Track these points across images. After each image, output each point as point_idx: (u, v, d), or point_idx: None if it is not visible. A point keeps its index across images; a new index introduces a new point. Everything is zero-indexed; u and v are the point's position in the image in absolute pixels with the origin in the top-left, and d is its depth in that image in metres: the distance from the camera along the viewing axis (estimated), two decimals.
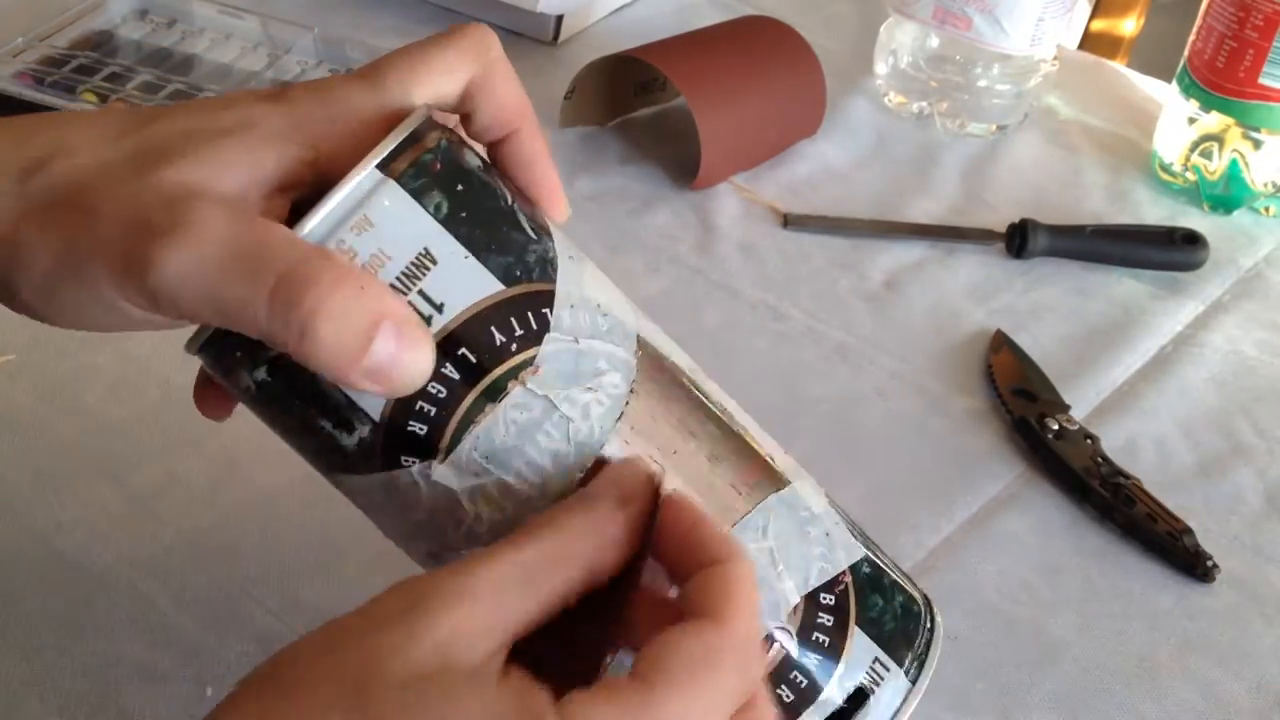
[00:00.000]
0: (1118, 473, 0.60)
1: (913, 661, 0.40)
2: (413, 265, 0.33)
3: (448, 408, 0.34)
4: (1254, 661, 0.53)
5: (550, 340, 0.35)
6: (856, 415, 0.63)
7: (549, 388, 0.34)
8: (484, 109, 0.38)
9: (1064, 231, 0.75)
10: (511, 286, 0.34)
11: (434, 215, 0.34)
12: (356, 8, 0.90)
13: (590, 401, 0.35)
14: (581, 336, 0.35)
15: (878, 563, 0.40)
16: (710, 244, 0.73)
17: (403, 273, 0.33)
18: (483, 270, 0.34)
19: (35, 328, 0.63)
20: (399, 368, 0.32)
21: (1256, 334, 0.72)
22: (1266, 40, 0.74)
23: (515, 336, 0.34)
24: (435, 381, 0.34)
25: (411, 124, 0.34)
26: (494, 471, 0.35)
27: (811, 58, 0.80)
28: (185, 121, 0.36)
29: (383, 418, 0.34)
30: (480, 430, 0.34)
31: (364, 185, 0.33)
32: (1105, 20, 1.68)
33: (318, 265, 0.32)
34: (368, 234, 0.33)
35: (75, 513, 0.53)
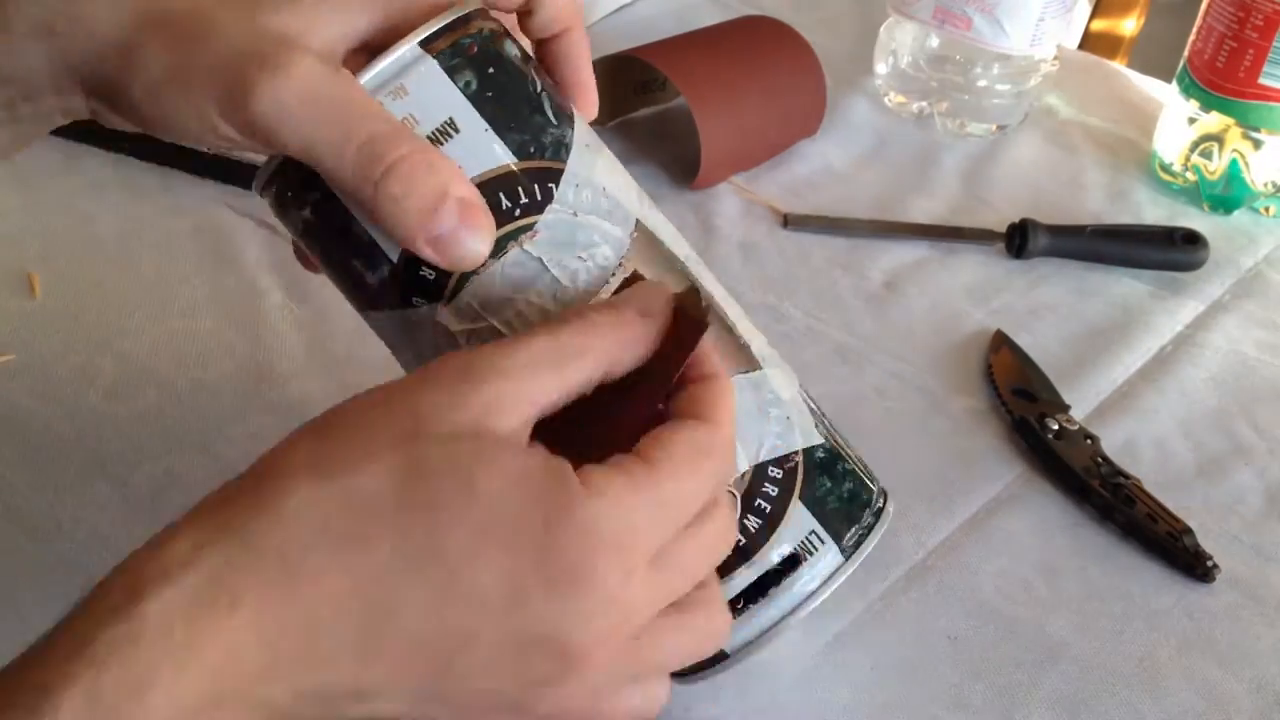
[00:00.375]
0: (1118, 473, 0.60)
1: (850, 539, 0.44)
2: (438, 130, 0.38)
3: None
4: (1254, 661, 0.53)
5: (551, 210, 0.39)
6: (856, 415, 0.63)
7: (543, 251, 0.39)
8: (545, 6, 0.42)
9: (1064, 231, 0.75)
10: (523, 160, 0.39)
11: (463, 91, 0.39)
12: None
13: (579, 268, 0.39)
14: (581, 211, 0.40)
15: (837, 451, 0.44)
16: (710, 244, 0.73)
17: (429, 135, 0.38)
18: (499, 143, 0.39)
19: (35, 327, 0.63)
20: (457, 243, 0.38)
21: (1256, 334, 0.72)
22: (1266, 40, 0.74)
23: (520, 204, 0.39)
24: None
25: (459, 10, 0.39)
26: (487, 319, 0.39)
27: (811, 58, 0.80)
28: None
29: (400, 259, 0.39)
30: (479, 281, 0.39)
31: (404, 58, 0.38)
32: (1105, 20, 1.68)
33: (400, 135, 0.37)
34: (402, 100, 0.38)
35: (75, 513, 0.53)
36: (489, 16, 0.40)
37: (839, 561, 0.43)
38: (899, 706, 0.50)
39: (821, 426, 0.45)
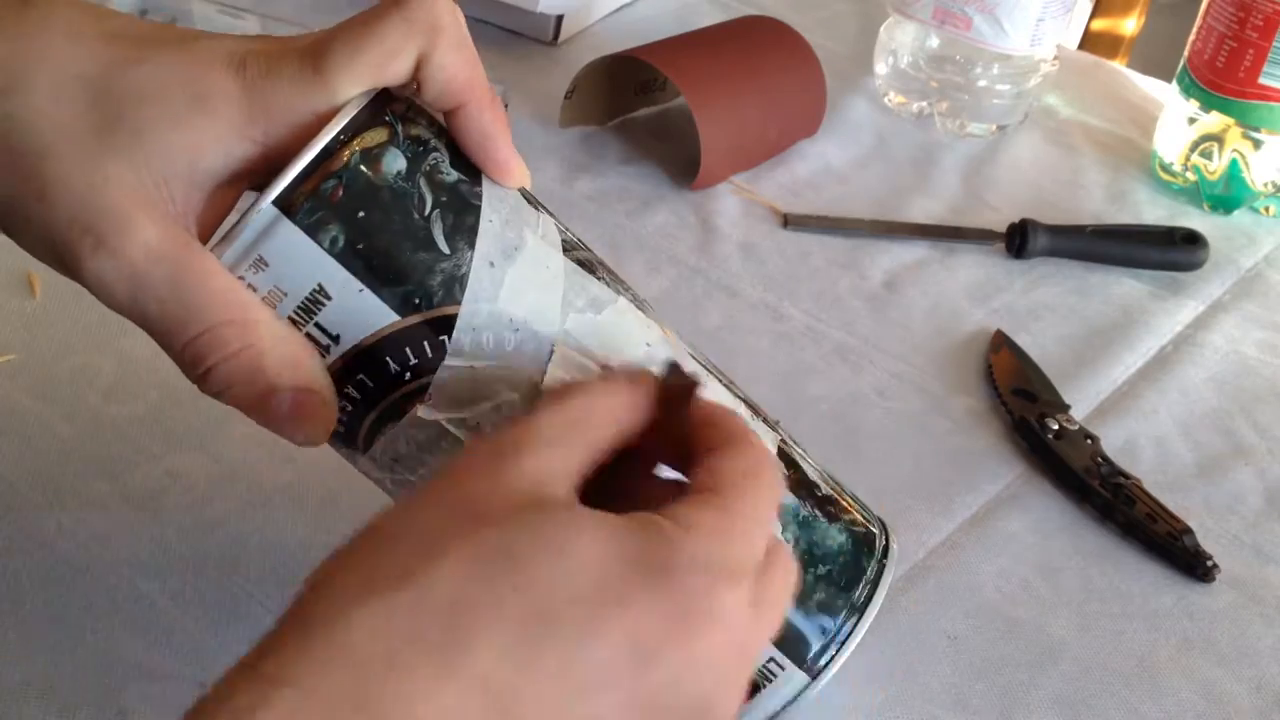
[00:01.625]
0: (1118, 473, 0.60)
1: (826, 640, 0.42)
2: (308, 300, 0.35)
3: (358, 420, 0.37)
4: (1254, 661, 0.53)
5: (445, 368, 0.36)
6: (856, 415, 0.63)
7: (442, 413, 0.36)
8: (431, 84, 0.38)
9: (1064, 231, 0.75)
10: (407, 316, 0.35)
11: (329, 250, 0.35)
12: (356, 8, 0.89)
13: (483, 422, 0.36)
14: (479, 360, 0.36)
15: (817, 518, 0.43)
16: (710, 244, 0.73)
17: (299, 307, 0.35)
18: (377, 302, 0.35)
19: (35, 327, 0.63)
20: (292, 433, 0.37)
21: (1256, 334, 0.72)
22: (1266, 40, 0.74)
23: (409, 365, 0.36)
24: (343, 399, 0.37)
25: (323, 138, 0.35)
26: (401, 473, 0.38)
27: (811, 58, 0.80)
28: (148, 83, 0.36)
29: None
30: (386, 440, 0.37)
31: (258, 224, 0.35)
32: (1105, 20, 1.68)
33: (226, 334, 0.35)
34: (264, 273, 0.35)
35: (75, 513, 0.53)
36: (367, 123, 0.36)
37: (804, 682, 0.41)
38: (899, 706, 0.50)
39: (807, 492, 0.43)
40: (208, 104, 0.36)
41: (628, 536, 0.31)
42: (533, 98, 0.82)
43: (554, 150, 0.79)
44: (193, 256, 0.35)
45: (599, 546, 0.30)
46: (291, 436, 0.37)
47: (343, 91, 0.36)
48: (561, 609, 0.29)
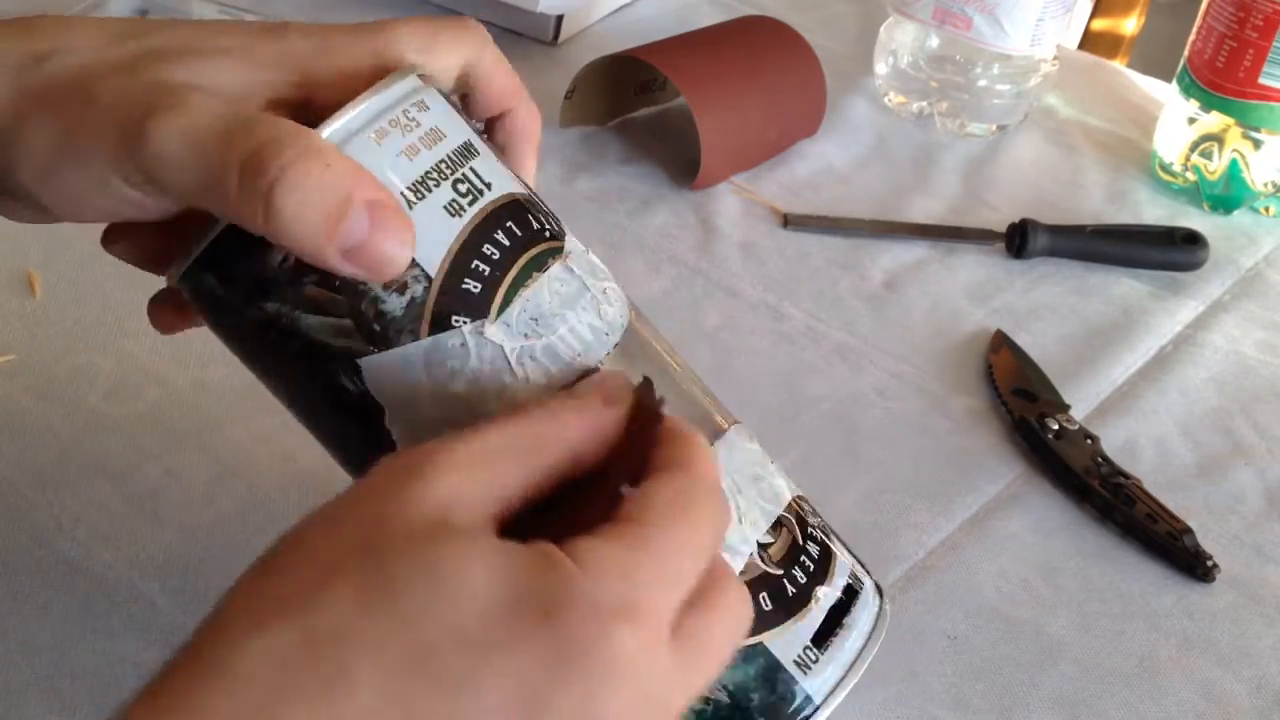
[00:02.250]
0: (1118, 473, 0.60)
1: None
2: (464, 147, 0.36)
3: (501, 269, 0.36)
4: (1254, 661, 0.53)
5: (569, 239, 0.39)
6: (856, 415, 0.63)
7: (579, 270, 0.38)
8: (482, 87, 0.40)
9: (1064, 231, 0.75)
10: (530, 194, 0.38)
11: (468, 123, 0.38)
12: (356, 8, 0.90)
13: (608, 290, 0.39)
14: (586, 250, 0.39)
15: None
16: (710, 244, 0.73)
17: (456, 150, 0.36)
18: (511, 174, 0.38)
19: (35, 328, 0.63)
20: (374, 251, 0.33)
21: (1256, 334, 0.72)
22: (1266, 40, 0.74)
23: (546, 226, 0.38)
24: (490, 244, 0.36)
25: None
26: (542, 334, 0.36)
27: (811, 58, 0.80)
28: (186, 37, 0.37)
29: (440, 274, 0.35)
30: (530, 294, 0.36)
31: (412, 82, 0.36)
32: (1105, 20, 1.68)
33: (288, 138, 0.32)
34: (426, 113, 0.36)
35: (75, 513, 0.53)
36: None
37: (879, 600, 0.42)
38: (899, 706, 0.50)
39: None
40: (247, 50, 0.37)
41: (522, 573, 0.29)
42: (533, 98, 0.82)
43: (554, 150, 0.79)
44: (253, 110, 0.34)
45: (490, 583, 0.29)
46: (372, 260, 0.33)
47: (396, 59, 0.38)
48: (445, 649, 0.28)
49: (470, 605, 0.28)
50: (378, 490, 0.30)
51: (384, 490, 0.30)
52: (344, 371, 0.36)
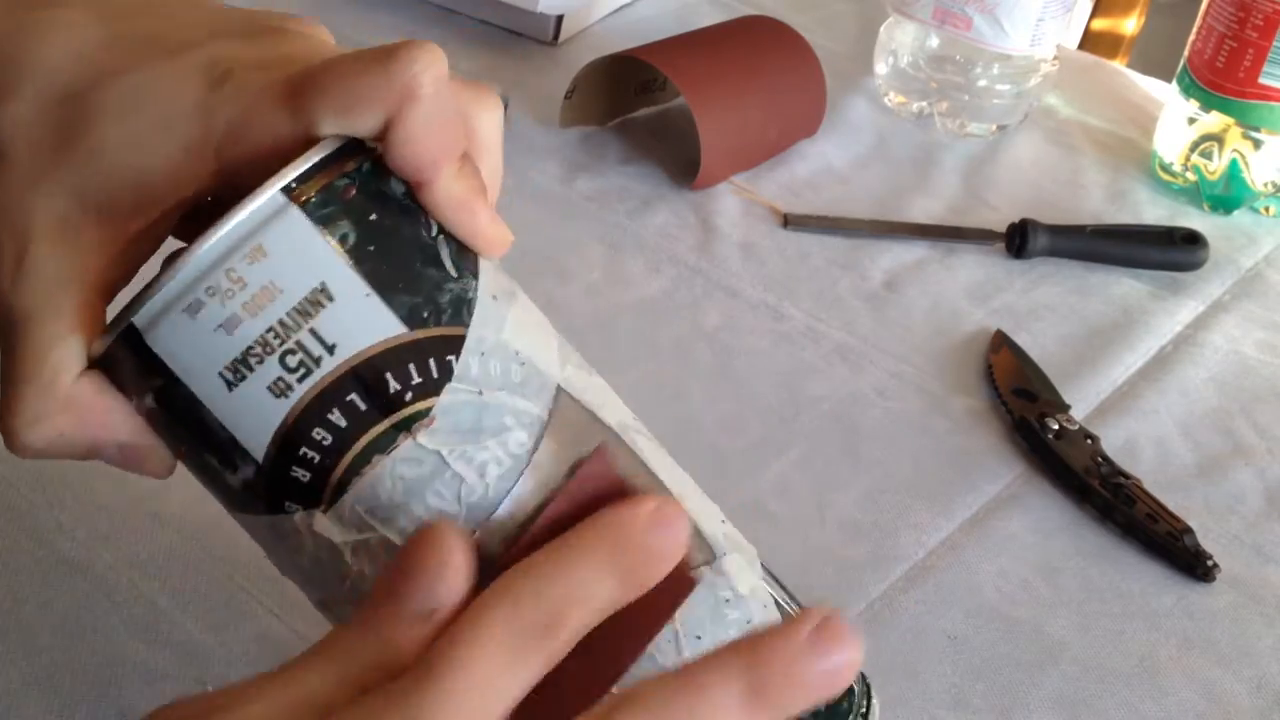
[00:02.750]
0: (1118, 473, 0.60)
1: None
2: (306, 301, 0.31)
3: (333, 456, 0.32)
4: (1254, 661, 0.53)
5: (450, 391, 0.32)
6: (856, 415, 0.63)
7: (443, 443, 0.32)
8: (391, 153, 0.33)
9: (1064, 231, 0.75)
10: (415, 330, 0.32)
11: (338, 247, 0.32)
12: (356, 8, 0.90)
13: (488, 460, 0.32)
14: (487, 389, 0.32)
15: None
16: (710, 244, 0.73)
17: (294, 309, 0.31)
18: (385, 310, 0.32)
19: None
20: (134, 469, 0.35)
21: (1256, 334, 0.72)
22: (1266, 40, 0.74)
23: (412, 384, 0.32)
24: (321, 427, 0.32)
25: (332, 144, 0.32)
26: (377, 529, 0.32)
27: (811, 58, 0.80)
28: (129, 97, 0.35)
29: (266, 460, 0.32)
30: (366, 483, 0.32)
31: (263, 210, 0.31)
32: (1105, 20, 1.68)
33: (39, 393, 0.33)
34: (260, 264, 0.31)
35: (75, 513, 0.53)
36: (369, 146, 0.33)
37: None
38: (899, 706, 0.50)
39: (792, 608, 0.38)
40: (171, 127, 0.34)
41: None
42: (533, 98, 0.82)
43: (554, 150, 0.79)
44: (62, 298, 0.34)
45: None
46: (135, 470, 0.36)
47: (313, 128, 0.34)
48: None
49: None
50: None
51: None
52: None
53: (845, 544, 0.56)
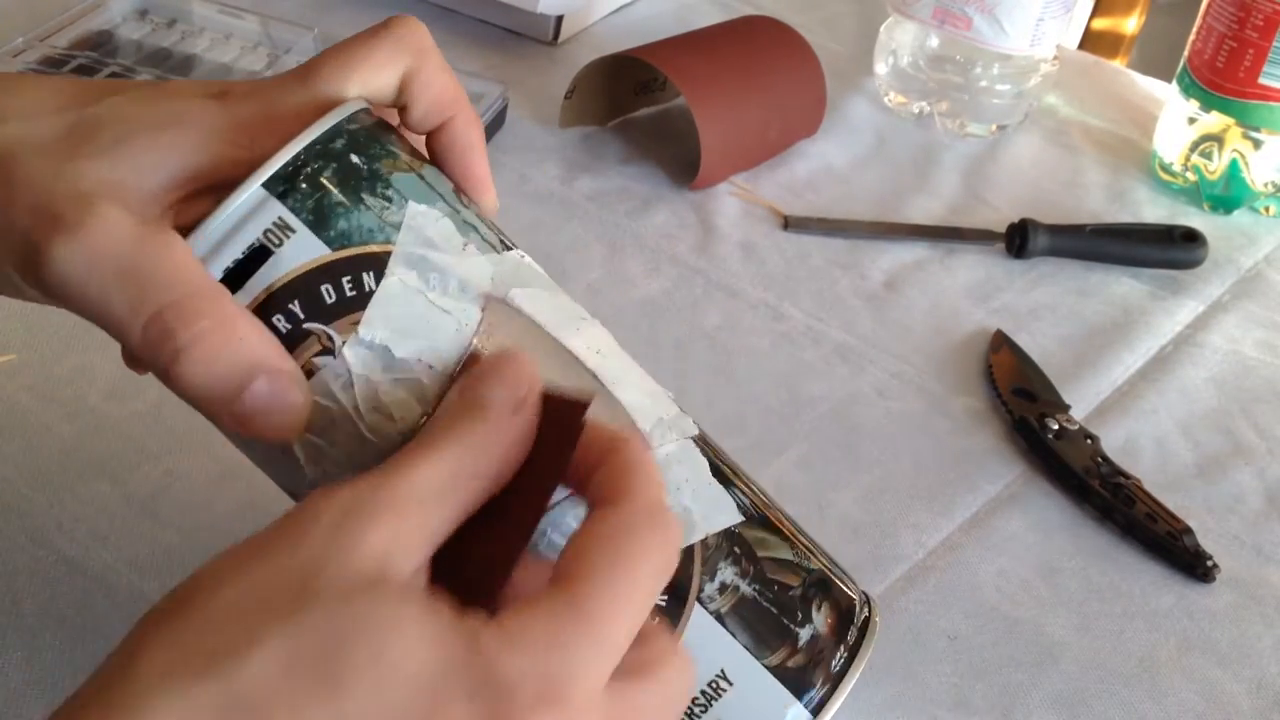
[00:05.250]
0: (1118, 473, 0.60)
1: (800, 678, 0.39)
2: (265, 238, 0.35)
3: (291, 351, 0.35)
4: (1254, 661, 0.53)
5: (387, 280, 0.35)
6: (856, 415, 0.63)
7: (383, 335, 0.35)
8: (419, 100, 0.38)
9: (1064, 231, 0.75)
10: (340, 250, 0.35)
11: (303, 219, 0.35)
12: (356, 8, 0.90)
13: (418, 370, 0.35)
14: (425, 292, 0.36)
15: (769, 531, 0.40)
16: (710, 244, 0.73)
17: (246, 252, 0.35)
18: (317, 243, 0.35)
19: (36, 328, 0.63)
20: (265, 421, 0.34)
21: (1256, 334, 0.72)
22: (1266, 40, 0.74)
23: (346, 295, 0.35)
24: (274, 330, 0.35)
25: (306, 138, 0.35)
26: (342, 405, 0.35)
27: (811, 58, 0.80)
28: (124, 107, 0.36)
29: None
30: (321, 375, 0.35)
31: (247, 204, 0.34)
32: (1105, 20, 1.68)
33: (197, 304, 0.33)
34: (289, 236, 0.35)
35: (75, 513, 0.53)
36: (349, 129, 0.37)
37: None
38: (899, 706, 0.50)
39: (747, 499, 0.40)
40: (187, 116, 0.36)
41: (446, 649, 0.28)
42: (533, 98, 0.82)
43: (554, 150, 0.79)
44: (162, 238, 0.34)
45: (416, 655, 0.27)
46: (264, 428, 0.34)
47: (333, 94, 0.37)
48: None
49: (399, 680, 0.27)
50: (310, 534, 0.29)
51: (318, 535, 0.29)
52: None
53: (845, 544, 0.56)
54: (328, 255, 0.35)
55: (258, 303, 0.35)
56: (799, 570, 0.39)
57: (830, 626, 0.39)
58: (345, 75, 0.37)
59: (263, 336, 0.34)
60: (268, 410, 0.34)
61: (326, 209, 0.35)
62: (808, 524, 0.59)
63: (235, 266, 0.35)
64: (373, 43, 0.38)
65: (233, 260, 0.34)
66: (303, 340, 0.35)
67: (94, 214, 0.33)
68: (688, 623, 0.37)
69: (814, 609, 0.39)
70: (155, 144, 0.35)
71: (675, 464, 0.38)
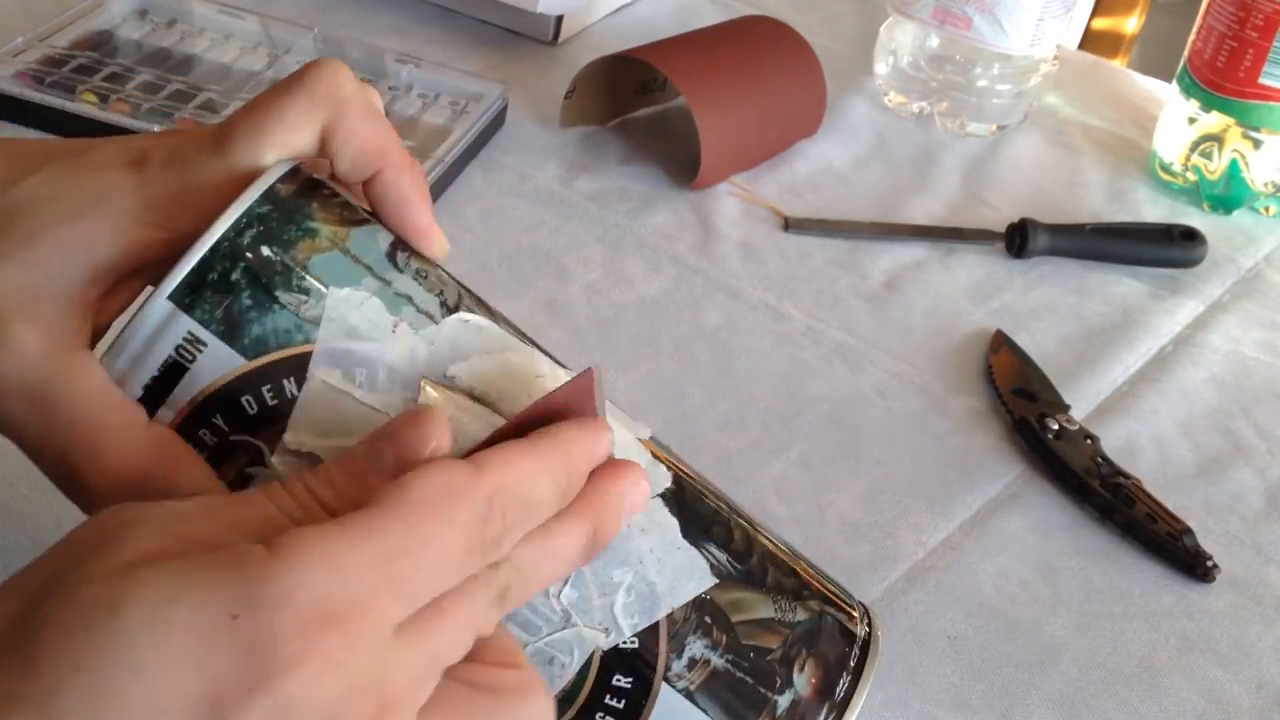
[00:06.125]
0: (1118, 473, 0.60)
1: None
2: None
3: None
4: (1254, 661, 0.53)
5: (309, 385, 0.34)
6: (856, 415, 0.63)
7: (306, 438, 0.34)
8: (341, 155, 0.36)
9: (1063, 230, 0.75)
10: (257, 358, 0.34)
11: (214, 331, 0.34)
12: (356, 8, 0.90)
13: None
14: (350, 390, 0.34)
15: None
16: (710, 244, 0.73)
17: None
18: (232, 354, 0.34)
19: None
20: None
21: (1256, 334, 0.72)
22: (1266, 40, 0.74)
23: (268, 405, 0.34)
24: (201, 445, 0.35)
25: (210, 238, 0.34)
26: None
27: (811, 58, 0.80)
28: (39, 189, 0.35)
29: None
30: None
31: (153, 318, 0.34)
32: (1106, 19, 1.68)
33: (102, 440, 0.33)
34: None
35: (75, 513, 0.53)
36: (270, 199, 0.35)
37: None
38: (899, 706, 0.50)
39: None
40: (104, 198, 0.35)
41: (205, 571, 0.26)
42: (533, 98, 0.82)
43: (554, 150, 0.79)
44: (74, 359, 0.34)
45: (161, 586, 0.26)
46: None
47: (248, 162, 0.35)
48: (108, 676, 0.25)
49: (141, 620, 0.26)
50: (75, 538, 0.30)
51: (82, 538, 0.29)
52: None
53: (845, 544, 0.56)
54: (244, 366, 0.34)
55: (182, 418, 0.34)
56: (780, 628, 0.37)
57: (814, 686, 0.37)
58: (259, 140, 0.35)
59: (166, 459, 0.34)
60: None
61: (237, 317, 0.34)
62: (807, 524, 0.59)
63: (152, 384, 0.34)
64: (285, 100, 0.36)
65: (149, 378, 0.34)
66: (232, 452, 0.34)
67: (3, 339, 0.33)
68: (655, 703, 0.35)
69: (795, 671, 0.37)
70: (70, 238, 0.34)
71: (639, 534, 0.35)
